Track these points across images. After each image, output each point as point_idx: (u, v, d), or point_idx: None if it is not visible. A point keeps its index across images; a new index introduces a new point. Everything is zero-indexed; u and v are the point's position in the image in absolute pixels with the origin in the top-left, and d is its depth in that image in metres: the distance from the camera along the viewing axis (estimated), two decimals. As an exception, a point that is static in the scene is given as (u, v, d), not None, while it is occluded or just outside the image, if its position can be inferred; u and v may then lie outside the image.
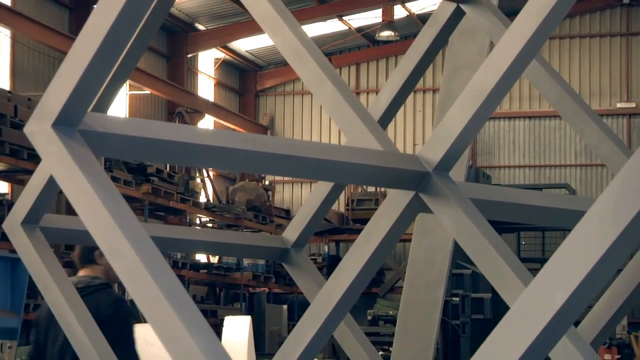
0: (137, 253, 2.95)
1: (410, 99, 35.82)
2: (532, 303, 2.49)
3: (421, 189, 3.70)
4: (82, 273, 7.49)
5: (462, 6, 4.87)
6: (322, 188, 4.83)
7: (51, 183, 4.23)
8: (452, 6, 4.88)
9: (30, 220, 4.20)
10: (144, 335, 14.55)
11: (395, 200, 3.76)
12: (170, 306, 2.87)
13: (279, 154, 3.46)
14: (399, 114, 33.09)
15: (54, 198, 4.34)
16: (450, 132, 3.66)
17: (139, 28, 4.04)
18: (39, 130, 3.05)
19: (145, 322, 7.66)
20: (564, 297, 2.44)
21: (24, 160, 20.30)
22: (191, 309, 2.90)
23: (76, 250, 7.72)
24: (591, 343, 4.56)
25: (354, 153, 3.66)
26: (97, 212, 2.99)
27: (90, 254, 7.40)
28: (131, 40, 3.41)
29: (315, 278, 5.05)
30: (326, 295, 3.76)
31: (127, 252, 2.95)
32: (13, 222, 4.22)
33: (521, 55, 3.57)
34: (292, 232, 4.99)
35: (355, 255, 3.78)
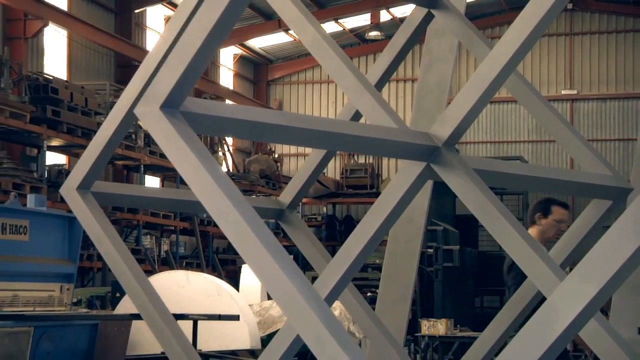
0: (238, 211, 2.96)
1: (393, 87, 35.79)
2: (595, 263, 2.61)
3: (432, 160, 3.73)
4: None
5: (433, 11, 4.86)
6: (311, 161, 4.85)
7: (101, 156, 4.22)
8: (424, 11, 4.88)
9: (84, 186, 4.19)
10: (203, 286, 14.56)
11: (410, 170, 3.78)
12: (269, 254, 2.90)
13: (324, 130, 3.51)
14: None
15: (103, 168, 4.33)
16: (457, 114, 3.69)
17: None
18: (148, 111, 3.08)
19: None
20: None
21: (78, 137, 20.34)
22: (285, 256, 2.95)
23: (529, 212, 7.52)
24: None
25: (380, 130, 3.70)
26: (202, 178, 3.02)
27: (533, 215, 7.20)
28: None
29: (305, 233, 5.07)
30: (353, 243, 3.79)
31: (229, 211, 2.97)
32: (69, 188, 4.22)
33: (518, 52, 3.58)
34: (286, 196, 5.00)
35: (377, 212, 3.79)
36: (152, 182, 26.58)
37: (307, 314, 2.83)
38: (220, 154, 30.56)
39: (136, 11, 28.01)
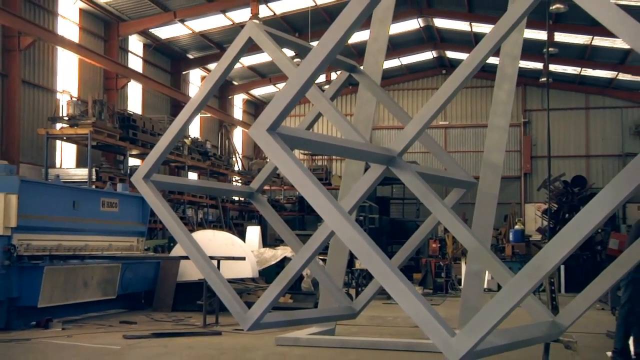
0: (325, 196, 3.01)
1: (339, 119, 35.59)
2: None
3: (390, 164, 3.74)
4: None
5: (353, 75, 4.85)
6: (271, 163, 4.78)
7: (158, 159, 4.15)
8: (347, 74, 4.87)
9: (147, 177, 4.14)
10: (232, 241, 14.45)
11: (374, 170, 3.79)
12: (342, 216, 2.95)
13: (343, 146, 3.55)
14: (328, 128, 32.95)
15: (159, 166, 4.27)
16: (407, 136, 3.72)
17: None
18: (259, 132, 3.12)
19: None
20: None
21: (148, 149, 20.14)
22: (353, 221, 3.01)
23: None
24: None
25: (359, 145, 3.72)
26: (300, 178, 3.05)
27: None
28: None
29: (268, 208, 5.03)
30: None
31: (319, 196, 3.00)
32: (137, 178, 4.16)
33: (447, 99, 3.61)
34: (256, 183, 4.94)
35: (349, 200, 3.78)
36: (192, 176, 26.37)
37: (366, 250, 2.93)
38: (234, 158, 30.39)
39: (183, 72, 27.92)
